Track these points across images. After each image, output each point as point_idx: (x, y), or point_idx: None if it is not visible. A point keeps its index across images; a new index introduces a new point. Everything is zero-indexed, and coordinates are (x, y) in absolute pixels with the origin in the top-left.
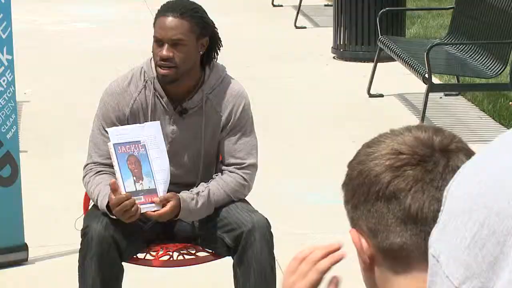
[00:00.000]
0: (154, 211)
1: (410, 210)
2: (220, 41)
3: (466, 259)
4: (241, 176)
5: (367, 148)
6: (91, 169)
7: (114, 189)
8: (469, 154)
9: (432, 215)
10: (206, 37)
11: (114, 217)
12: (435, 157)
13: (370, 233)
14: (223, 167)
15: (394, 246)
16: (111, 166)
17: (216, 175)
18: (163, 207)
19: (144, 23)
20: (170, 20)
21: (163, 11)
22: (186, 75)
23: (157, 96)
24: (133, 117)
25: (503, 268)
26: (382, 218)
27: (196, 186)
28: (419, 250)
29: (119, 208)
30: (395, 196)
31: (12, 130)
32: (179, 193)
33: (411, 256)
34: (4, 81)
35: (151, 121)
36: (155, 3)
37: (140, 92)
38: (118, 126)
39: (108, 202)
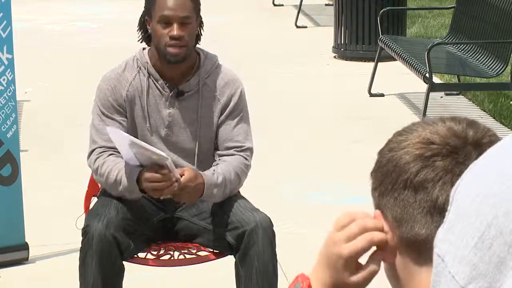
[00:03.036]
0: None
1: (437, 201)
2: (202, 22)
3: (472, 259)
4: (243, 157)
5: (398, 136)
6: (100, 152)
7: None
8: None
9: None
10: (200, 15)
11: (141, 193)
12: (467, 149)
13: (395, 223)
14: (222, 152)
15: (418, 237)
16: (115, 149)
17: (216, 162)
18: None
19: None
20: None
21: None
22: (189, 55)
23: (152, 79)
24: (130, 101)
25: (510, 269)
26: (408, 207)
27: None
28: None
29: (162, 184)
30: (422, 186)
31: (12, 129)
32: None
33: None
34: (4, 80)
35: (147, 104)
36: None
37: (134, 77)
38: (118, 109)
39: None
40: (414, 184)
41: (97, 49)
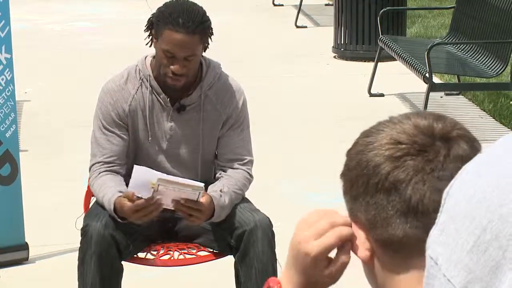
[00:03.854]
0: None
1: (411, 201)
2: (212, 30)
3: (468, 263)
4: (246, 171)
5: (365, 137)
6: (95, 170)
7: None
8: (471, 141)
9: (433, 206)
10: (208, 38)
11: (121, 221)
12: (436, 146)
13: (369, 225)
14: (223, 164)
15: (394, 239)
16: (114, 163)
17: (220, 174)
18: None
19: (145, 22)
20: (182, 38)
21: (173, 25)
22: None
23: (154, 93)
24: (132, 115)
25: (505, 273)
26: (381, 210)
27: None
28: (419, 243)
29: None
30: (395, 188)
31: (11, 128)
32: None
33: (411, 249)
34: (3, 79)
35: (149, 118)
36: (155, 2)
37: (137, 90)
38: (119, 123)
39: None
40: (386, 186)
41: (97, 49)
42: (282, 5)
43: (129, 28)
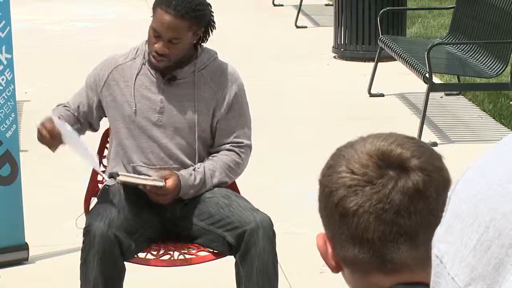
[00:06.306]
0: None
1: (357, 231)
2: (214, 23)
3: (471, 261)
4: (237, 153)
5: (331, 160)
6: (62, 105)
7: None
8: (428, 172)
9: (378, 235)
10: (202, 28)
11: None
12: (385, 178)
13: (331, 242)
14: (218, 147)
15: (346, 259)
16: (79, 114)
17: (207, 157)
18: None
19: (145, 23)
20: (170, 20)
21: (165, 5)
22: (172, 63)
23: (146, 66)
24: (110, 83)
25: (509, 270)
26: (335, 232)
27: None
28: (371, 264)
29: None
30: (343, 216)
31: (11, 129)
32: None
33: (365, 269)
34: (3, 80)
35: (134, 89)
36: None
37: (125, 62)
38: (95, 88)
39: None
40: (336, 213)
41: (97, 49)
42: (282, 5)
43: (129, 28)
